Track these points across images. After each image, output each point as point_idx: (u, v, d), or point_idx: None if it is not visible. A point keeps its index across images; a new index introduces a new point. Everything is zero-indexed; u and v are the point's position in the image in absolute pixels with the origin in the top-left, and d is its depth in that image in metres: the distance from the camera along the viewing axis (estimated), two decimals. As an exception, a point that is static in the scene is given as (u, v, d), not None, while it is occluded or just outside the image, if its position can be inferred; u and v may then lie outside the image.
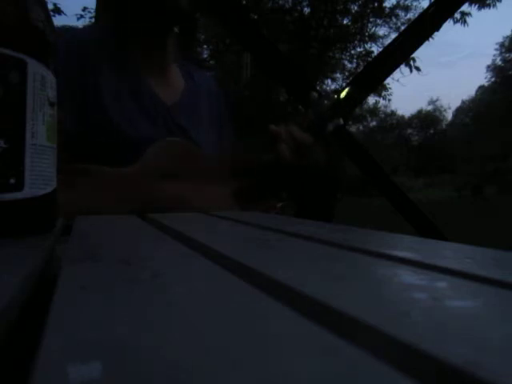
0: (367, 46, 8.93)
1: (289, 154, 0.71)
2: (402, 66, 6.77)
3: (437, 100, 37.74)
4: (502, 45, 31.14)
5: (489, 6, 7.53)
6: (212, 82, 0.92)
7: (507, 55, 30.58)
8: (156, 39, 0.76)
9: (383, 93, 9.05)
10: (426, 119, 34.97)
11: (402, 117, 34.90)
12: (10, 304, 0.14)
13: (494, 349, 0.10)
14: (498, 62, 31.81)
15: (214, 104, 0.87)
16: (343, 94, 0.79)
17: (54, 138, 0.32)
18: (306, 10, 8.19)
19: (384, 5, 8.59)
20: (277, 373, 0.09)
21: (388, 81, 8.54)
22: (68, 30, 0.74)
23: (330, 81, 9.62)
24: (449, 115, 37.56)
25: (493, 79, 32.55)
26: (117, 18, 0.76)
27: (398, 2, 9.14)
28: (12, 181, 0.28)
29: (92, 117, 0.66)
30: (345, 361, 0.09)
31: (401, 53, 2.21)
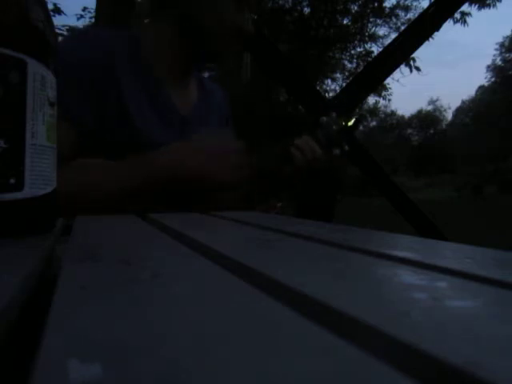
0: (367, 46, 8.94)
1: (301, 159, 0.74)
2: (402, 66, 6.79)
3: (437, 100, 37.79)
4: (502, 45, 31.15)
5: (489, 6, 7.54)
6: (221, 93, 0.93)
7: (507, 55, 30.59)
8: (185, 54, 0.76)
9: (383, 93, 9.07)
10: (426, 119, 34.98)
11: (402, 117, 34.92)
12: (10, 304, 0.14)
13: (493, 349, 0.10)
14: (498, 62, 31.83)
15: (222, 114, 0.89)
16: (351, 122, 0.81)
17: (54, 138, 0.32)
18: (306, 10, 8.19)
19: (384, 5, 8.60)
20: (277, 373, 0.09)
21: (388, 81, 8.56)
22: (93, 30, 0.73)
23: (330, 81, 9.63)
24: (449, 115, 37.60)
25: (493, 79, 32.55)
26: (164, 18, 0.75)
27: (398, 2, 9.15)
28: (12, 181, 0.28)
29: (111, 118, 0.66)
30: (345, 361, 0.09)
31: (401, 53, 2.21)
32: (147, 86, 0.72)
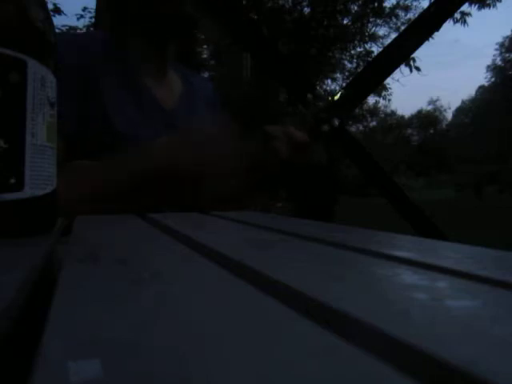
0: (367, 46, 8.94)
1: (285, 151, 0.72)
2: (402, 66, 6.79)
3: (437, 100, 37.71)
4: (501, 45, 31.13)
5: (489, 6, 7.54)
6: (209, 86, 0.93)
7: (507, 55, 30.57)
8: (157, 43, 0.76)
9: (383, 93, 9.07)
10: (426, 119, 34.97)
11: (402, 117, 34.90)
12: (10, 304, 0.14)
13: (493, 349, 0.10)
14: (498, 62, 31.82)
15: (211, 107, 0.88)
16: (337, 97, 0.81)
17: (54, 138, 0.32)
18: (306, 10, 8.19)
19: (384, 5, 8.60)
20: (277, 372, 0.09)
21: (388, 81, 8.56)
22: (68, 32, 0.74)
23: (330, 81, 9.62)
24: (449, 115, 37.60)
25: (493, 79, 32.54)
26: (118, 19, 0.76)
27: (397, 2, 9.15)
28: (12, 181, 0.28)
29: (93, 118, 0.66)
30: (345, 361, 0.09)
31: (401, 53, 2.21)
32: (128, 84, 0.72)
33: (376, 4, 8.28)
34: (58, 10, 5.09)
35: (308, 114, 0.77)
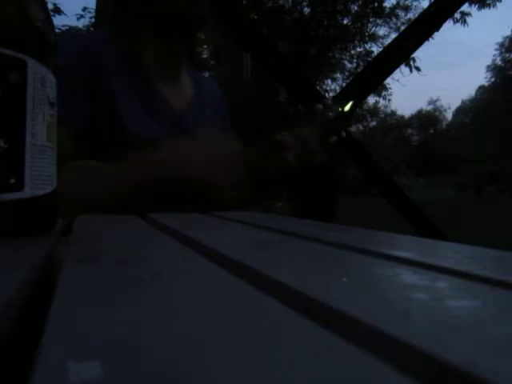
0: (367, 46, 8.95)
1: (293, 160, 0.72)
2: (402, 66, 6.79)
3: (437, 100, 37.69)
4: (501, 45, 31.12)
5: (489, 6, 7.54)
6: (215, 85, 0.92)
7: (507, 55, 30.56)
8: (167, 44, 0.76)
9: (383, 93, 9.09)
10: (426, 119, 34.97)
11: (402, 117, 34.90)
12: (10, 304, 0.14)
13: (494, 349, 0.10)
14: (498, 62, 31.81)
15: (218, 107, 0.88)
16: (347, 108, 0.80)
17: (54, 138, 0.32)
18: (306, 10, 8.19)
19: (384, 5, 8.60)
20: (277, 372, 0.09)
21: (388, 81, 8.57)
22: (68, 31, 0.74)
23: (330, 81, 9.63)
24: (449, 115, 37.60)
25: (493, 79, 32.55)
26: (117, 20, 0.76)
27: (397, 2, 9.15)
28: (12, 181, 0.28)
29: (101, 118, 0.66)
30: (345, 361, 0.09)
31: (401, 53, 2.22)
32: (139, 85, 0.71)
33: (376, 4, 8.28)
34: (58, 10, 5.09)
35: (316, 122, 0.77)
